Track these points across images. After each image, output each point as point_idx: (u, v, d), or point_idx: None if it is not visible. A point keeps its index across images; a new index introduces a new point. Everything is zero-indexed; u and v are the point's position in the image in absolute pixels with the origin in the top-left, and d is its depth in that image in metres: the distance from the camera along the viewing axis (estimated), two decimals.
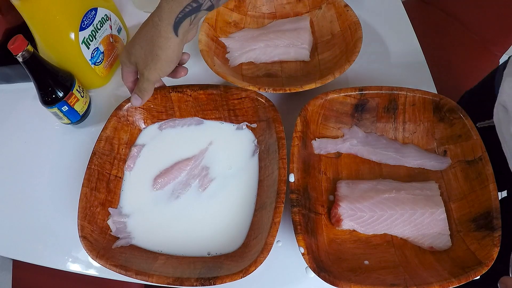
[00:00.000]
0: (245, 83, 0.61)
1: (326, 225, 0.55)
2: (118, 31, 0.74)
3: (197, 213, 0.55)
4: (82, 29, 0.64)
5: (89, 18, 0.65)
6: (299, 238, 0.48)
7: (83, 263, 0.57)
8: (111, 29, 0.71)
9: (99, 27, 0.68)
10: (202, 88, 0.60)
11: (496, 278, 0.42)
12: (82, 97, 0.65)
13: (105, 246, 0.51)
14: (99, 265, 0.49)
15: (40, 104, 0.62)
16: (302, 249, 0.47)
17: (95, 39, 0.67)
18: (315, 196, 0.56)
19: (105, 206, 0.54)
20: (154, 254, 0.52)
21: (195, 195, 0.57)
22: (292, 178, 0.52)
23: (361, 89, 0.59)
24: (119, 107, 0.59)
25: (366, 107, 0.61)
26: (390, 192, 0.54)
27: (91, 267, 0.56)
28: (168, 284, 0.45)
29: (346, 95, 0.59)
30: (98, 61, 0.69)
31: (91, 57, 0.67)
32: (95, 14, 0.66)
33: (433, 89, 0.68)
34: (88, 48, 0.66)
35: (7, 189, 0.64)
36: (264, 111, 0.58)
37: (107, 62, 0.72)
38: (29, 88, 0.66)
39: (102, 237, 0.52)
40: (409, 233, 0.53)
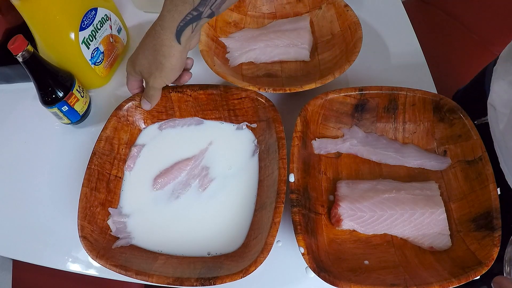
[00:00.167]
0: (245, 83, 0.61)
1: (326, 225, 0.55)
2: (118, 31, 0.74)
3: (197, 213, 0.55)
4: (82, 29, 0.64)
5: (89, 18, 0.65)
6: (299, 238, 0.48)
7: (83, 263, 0.57)
8: (111, 29, 0.72)
9: (99, 27, 0.68)
10: (202, 88, 0.60)
11: None
12: (82, 97, 0.65)
13: (105, 246, 0.51)
14: (99, 265, 0.49)
15: (40, 104, 0.62)
16: (302, 249, 0.47)
17: (95, 39, 0.67)
18: (315, 196, 0.56)
19: (105, 206, 0.54)
20: (154, 254, 0.52)
21: (195, 195, 0.57)
22: (292, 178, 0.52)
23: (361, 89, 0.59)
24: (119, 107, 0.59)
25: (366, 107, 0.61)
26: (390, 192, 0.54)
27: (91, 267, 0.56)
28: (168, 284, 0.45)
29: (346, 95, 0.59)
30: (98, 61, 0.69)
31: (91, 57, 0.67)
32: (95, 14, 0.66)
33: (433, 89, 0.68)
34: (88, 48, 0.66)
35: (7, 189, 0.64)
36: (264, 111, 0.58)
37: (107, 62, 0.72)
38: (29, 88, 0.66)
39: (102, 237, 0.51)
40: (409, 233, 0.53)
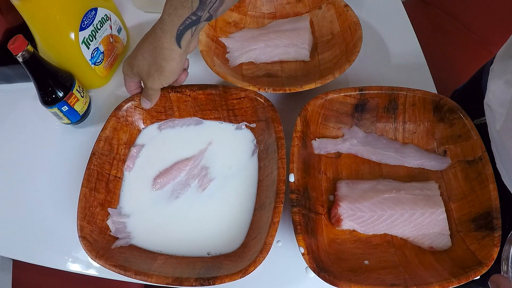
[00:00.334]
0: (245, 83, 0.61)
1: (326, 225, 0.55)
2: (118, 31, 0.74)
3: (197, 213, 0.55)
4: (82, 29, 0.64)
5: (89, 18, 0.65)
6: (299, 238, 0.48)
7: (83, 263, 0.57)
8: (111, 29, 0.72)
9: (99, 27, 0.68)
10: (201, 88, 0.60)
11: None
12: (82, 97, 0.65)
13: (105, 246, 0.50)
14: (99, 265, 0.49)
15: (40, 104, 0.62)
16: (302, 249, 0.47)
17: (95, 39, 0.67)
18: (315, 196, 0.56)
19: (105, 207, 0.54)
20: (154, 254, 0.52)
21: (195, 195, 0.57)
22: (292, 178, 0.52)
23: (361, 89, 0.59)
24: (119, 107, 0.59)
25: (366, 107, 0.61)
26: (390, 192, 0.54)
27: (91, 267, 0.56)
28: (167, 284, 0.45)
29: (346, 95, 0.59)
30: (98, 61, 0.69)
31: (91, 57, 0.67)
32: (95, 14, 0.66)
33: (433, 89, 0.68)
34: (88, 48, 0.66)
35: (7, 189, 0.64)
36: (263, 111, 0.58)
37: (107, 62, 0.72)
38: (29, 88, 0.66)
39: (102, 237, 0.51)
40: (409, 233, 0.53)
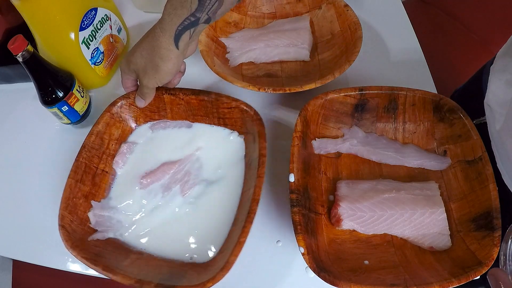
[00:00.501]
0: (245, 83, 0.61)
1: (326, 225, 0.55)
2: (118, 31, 0.74)
3: (175, 218, 0.54)
4: (82, 29, 0.64)
5: (89, 18, 0.65)
6: (299, 238, 0.48)
7: (83, 263, 0.56)
8: (111, 29, 0.72)
9: (99, 27, 0.68)
10: (194, 93, 0.59)
11: None
12: (82, 97, 0.65)
13: (81, 238, 0.51)
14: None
15: (40, 104, 0.62)
16: (302, 249, 0.47)
17: (95, 39, 0.67)
18: (315, 196, 0.56)
19: (88, 199, 0.55)
20: (126, 252, 0.52)
21: (175, 200, 0.56)
22: (292, 178, 0.52)
23: (361, 89, 0.59)
24: (113, 103, 0.60)
25: (366, 107, 0.61)
26: (390, 192, 0.54)
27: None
28: (130, 285, 0.46)
29: (346, 95, 0.59)
30: (98, 61, 0.69)
31: (91, 57, 0.67)
32: (95, 14, 0.66)
33: (433, 89, 0.68)
34: (88, 48, 0.66)
35: (7, 189, 0.64)
36: (252, 124, 0.56)
37: (107, 62, 0.72)
38: (29, 88, 0.66)
39: (81, 228, 0.52)
40: (409, 233, 0.53)
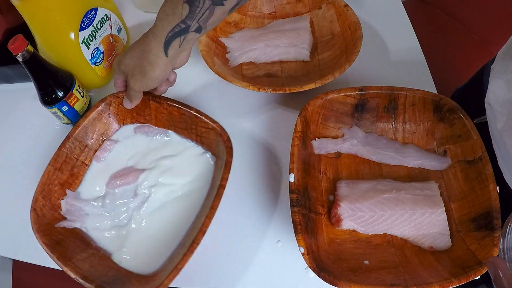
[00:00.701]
0: (245, 83, 0.61)
1: (326, 225, 0.55)
2: (118, 31, 0.74)
3: (132, 224, 0.55)
4: (82, 29, 0.64)
5: (89, 18, 0.65)
6: (299, 238, 0.48)
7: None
8: (111, 29, 0.71)
9: (99, 27, 0.68)
10: (177, 106, 0.58)
11: None
12: (82, 97, 0.65)
13: (49, 223, 0.53)
14: None
15: (40, 104, 0.62)
16: (302, 249, 0.47)
17: (95, 39, 0.67)
18: (315, 196, 0.56)
19: (64, 187, 0.56)
20: (85, 245, 0.53)
21: (136, 206, 0.56)
22: (292, 178, 0.52)
23: (361, 89, 0.59)
24: (103, 100, 0.60)
25: (366, 107, 0.61)
26: (390, 192, 0.54)
27: None
28: (76, 279, 0.47)
29: (346, 95, 0.59)
30: (98, 61, 0.69)
31: (91, 57, 0.67)
32: (95, 14, 0.66)
33: (433, 89, 0.68)
34: (88, 48, 0.66)
35: (7, 189, 0.64)
36: (223, 150, 0.55)
37: (107, 62, 0.72)
38: (29, 88, 0.66)
39: (50, 214, 0.53)
40: (409, 233, 0.53)
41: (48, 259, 0.57)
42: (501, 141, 0.53)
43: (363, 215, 0.53)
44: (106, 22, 0.70)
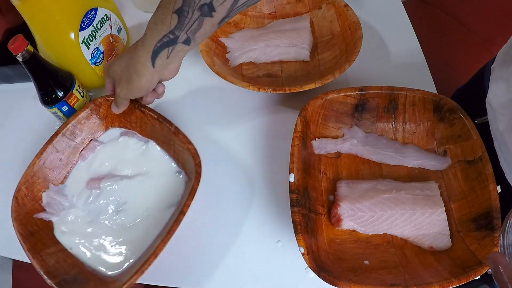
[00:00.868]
0: (245, 83, 0.61)
1: (326, 225, 0.55)
2: (118, 31, 0.74)
3: (103, 226, 0.56)
4: (82, 29, 0.64)
5: (89, 18, 0.65)
6: (299, 238, 0.48)
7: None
8: (111, 29, 0.71)
9: (99, 27, 0.68)
10: (159, 119, 0.58)
11: None
12: (82, 97, 0.65)
13: (28, 212, 0.54)
14: None
15: (40, 104, 0.62)
16: (302, 249, 0.47)
17: (95, 39, 0.67)
18: (315, 196, 0.56)
19: (47, 180, 0.58)
20: (56, 240, 0.54)
21: (108, 211, 0.57)
22: (292, 178, 0.52)
23: (361, 89, 0.59)
24: (94, 101, 0.61)
25: (366, 107, 0.61)
26: (390, 192, 0.54)
27: None
28: (39, 273, 0.48)
29: (346, 95, 0.59)
30: (98, 61, 0.69)
31: (91, 57, 0.67)
32: (95, 14, 0.66)
33: (433, 89, 0.68)
34: (88, 48, 0.66)
35: (7, 189, 0.64)
36: (192, 174, 0.54)
37: (107, 62, 0.72)
38: (29, 88, 0.66)
39: (31, 204, 0.55)
40: (409, 233, 0.53)
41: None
42: (503, 142, 0.53)
43: (363, 215, 0.53)
44: (106, 22, 0.70)
